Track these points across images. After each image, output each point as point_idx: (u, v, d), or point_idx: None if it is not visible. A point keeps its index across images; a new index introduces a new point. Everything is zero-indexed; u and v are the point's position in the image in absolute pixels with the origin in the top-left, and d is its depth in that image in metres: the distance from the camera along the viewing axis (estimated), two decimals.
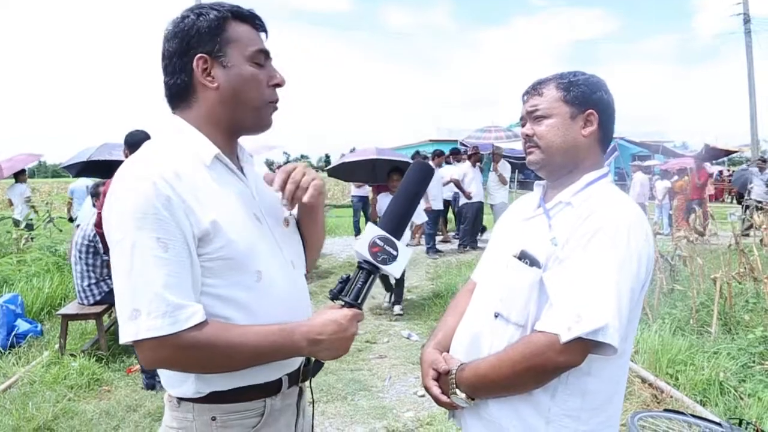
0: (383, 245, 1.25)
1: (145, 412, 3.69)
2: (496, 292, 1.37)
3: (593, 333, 1.17)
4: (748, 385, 3.57)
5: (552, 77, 1.44)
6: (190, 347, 1.11)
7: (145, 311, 1.07)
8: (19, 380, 4.13)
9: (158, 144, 1.24)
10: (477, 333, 1.39)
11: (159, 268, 1.08)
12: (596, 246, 1.24)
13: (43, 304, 5.88)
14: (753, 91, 20.28)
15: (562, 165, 1.41)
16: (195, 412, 1.23)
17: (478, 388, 1.33)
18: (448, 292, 6.70)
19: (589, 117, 1.39)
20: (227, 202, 1.21)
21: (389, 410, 3.76)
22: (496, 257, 1.49)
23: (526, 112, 1.44)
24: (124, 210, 1.10)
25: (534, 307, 1.29)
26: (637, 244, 1.25)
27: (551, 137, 1.39)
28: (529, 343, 1.25)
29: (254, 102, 1.24)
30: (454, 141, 16.70)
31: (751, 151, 20.63)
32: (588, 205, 1.33)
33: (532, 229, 1.41)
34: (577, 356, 1.21)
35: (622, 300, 1.21)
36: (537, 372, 1.24)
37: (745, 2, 20.39)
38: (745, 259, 4.81)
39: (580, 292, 1.21)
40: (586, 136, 1.39)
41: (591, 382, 1.29)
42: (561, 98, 1.39)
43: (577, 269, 1.24)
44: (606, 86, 1.44)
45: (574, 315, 1.19)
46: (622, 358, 1.34)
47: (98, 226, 4.64)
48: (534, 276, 1.29)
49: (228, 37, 1.21)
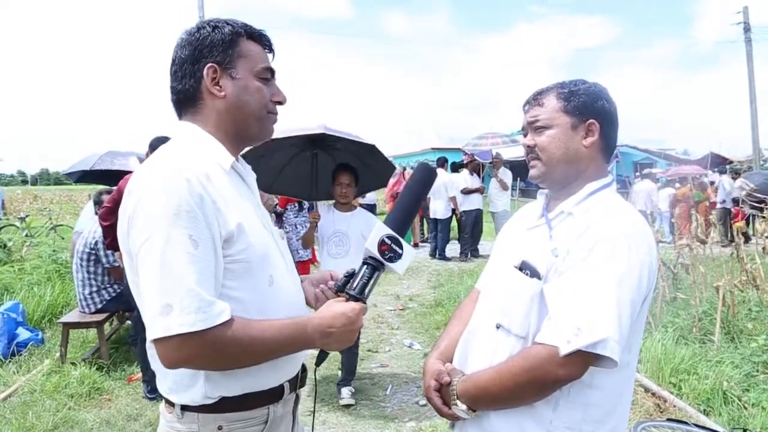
0: (391, 243, 1.31)
1: (146, 422, 3.67)
2: (498, 303, 1.37)
3: (593, 346, 1.17)
4: (752, 394, 3.54)
5: (553, 87, 1.43)
6: (217, 344, 1.12)
7: (178, 306, 1.07)
8: (19, 389, 4.12)
9: (178, 147, 1.26)
10: (479, 344, 1.38)
11: (191, 264, 1.09)
12: (596, 258, 1.23)
13: (44, 312, 5.87)
14: (754, 99, 20.29)
15: (563, 176, 1.40)
16: (200, 422, 1.22)
17: (479, 400, 1.32)
18: (450, 300, 6.68)
19: (591, 127, 1.38)
20: (245, 207, 1.26)
21: (391, 420, 3.74)
22: (499, 266, 1.48)
23: (527, 123, 1.44)
24: (156, 206, 1.11)
25: (535, 319, 1.28)
26: (638, 256, 1.24)
27: (552, 149, 1.38)
28: (528, 355, 1.24)
29: (257, 113, 1.31)
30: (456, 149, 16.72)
31: (753, 159, 20.62)
32: (589, 215, 1.32)
33: (533, 239, 1.40)
34: (577, 369, 1.20)
35: (622, 312, 1.20)
36: (537, 385, 1.23)
37: (746, 11, 20.45)
38: (745, 266, 4.79)
39: (580, 305, 1.20)
40: (588, 147, 1.38)
41: (593, 394, 1.28)
42: (561, 108, 1.38)
43: (577, 281, 1.23)
44: (608, 95, 1.43)
45: (573, 327, 1.18)
46: (626, 370, 1.32)
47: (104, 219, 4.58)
48: (534, 287, 1.28)
49: (239, 51, 1.28)
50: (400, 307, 6.82)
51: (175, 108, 1.33)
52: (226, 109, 1.28)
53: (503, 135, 12.78)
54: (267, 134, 1.35)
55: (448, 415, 1.38)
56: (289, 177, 4.29)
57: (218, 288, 1.16)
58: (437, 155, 11.40)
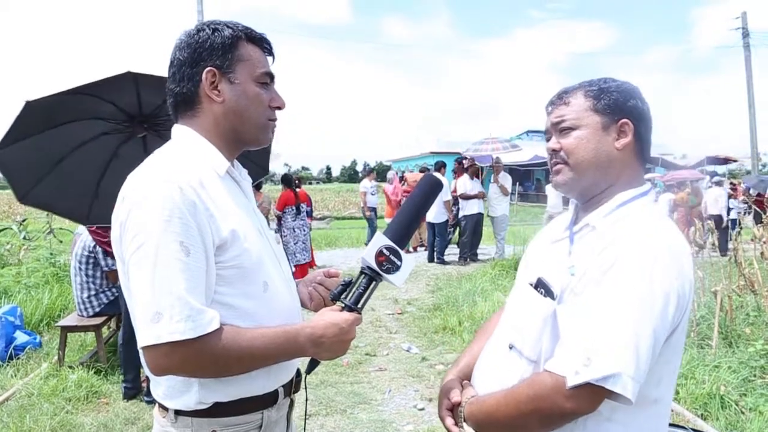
0: (389, 255, 1.28)
1: (144, 425, 3.66)
2: (513, 322, 1.29)
3: (603, 380, 1.04)
4: (749, 399, 3.55)
5: (579, 85, 1.30)
6: (206, 352, 1.12)
7: (168, 314, 1.08)
8: (16, 393, 4.11)
9: (174, 151, 1.26)
10: (492, 364, 1.31)
11: (182, 272, 1.09)
12: (614, 279, 1.09)
13: (42, 316, 5.86)
14: (752, 103, 20.37)
15: (593, 183, 1.26)
16: (194, 427, 1.23)
17: (484, 425, 1.24)
18: (448, 304, 6.70)
19: (623, 127, 1.24)
20: (239, 213, 1.25)
21: (389, 423, 3.73)
22: (520, 282, 1.36)
23: (551, 124, 1.29)
24: (148, 212, 1.11)
25: (548, 342, 1.17)
26: (664, 279, 1.08)
27: (581, 152, 1.23)
28: (534, 383, 1.13)
29: (255, 119, 1.29)
30: (455, 153, 16.75)
31: (751, 163, 20.67)
32: (614, 230, 1.18)
33: (554, 254, 1.29)
34: (586, 403, 1.08)
35: (641, 344, 1.05)
36: (542, 416, 1.12)
37: (744, 17, 20.55)
38: (743, 271, 4.81)
39: (593, 332, 1.07)
40: (620, 149, 1.24)
41: (613, 428, 1.15)
42: (591, 107, 1.24)
43: (592, 305, 1.10)
44: (640, 93, 1.28)
45: (583, 357, 1.06)
46: (656, 407, 1.17)
47: (94, 232, 4.62)
48: (548, 308, 1.18)
49: (239, 55, 1.27)
50: (398, 311, 6.82)
51: (172, 110, 1.32)
52: (223, 114, 1.27)
53: (503, 140, 12.81)
54: (266, 141, 1.34)
55: None
56: (74, 178, 2.76)
57: (210, 295, 1.16)
58: (436, 159, 11.40)
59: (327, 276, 1.50)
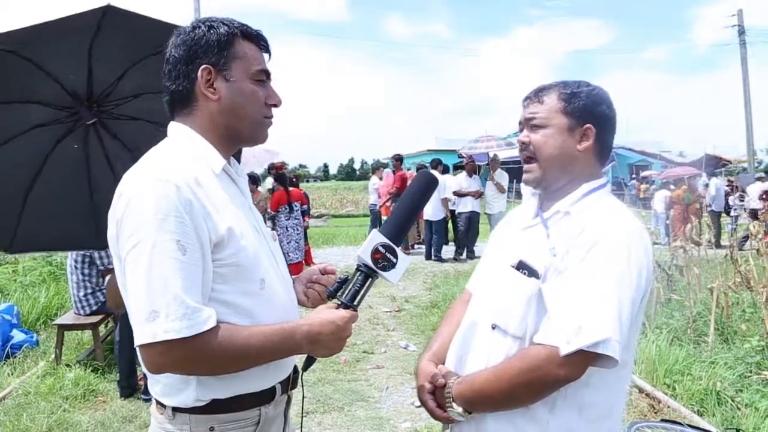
0: (385, 252, 1.28)
1: (141, 423, 3.66)
2: (493, 303, 1.36)
3: (594, 345, 1.15)
4: (745, 394, 3.57)
5: (555, 85, 1.41)
6: (202, 350, 1.12)
7: (164, 313, 1.08)
8: (13, 391, 4.10)
9: (170, 149, 1.26)
10: (474, 345, 1.37)
11: (178, 270, 1.09)
12: (595, 258, 1.22)
13: (39, 314, 5.85)
14: (748, 101, 20.42)
15: (557, 178, 1.39)
16: (192, 424, 1.23)
17: (475, 403, 1.31)
18: (446, 301, 6.69)
19: (587, 131, 1.36)
20: (236, 211, 1.25)
21: (386, 421, 3.74)
22: (493, 267, 1.47)
23: (525, 119, 1.41)
24: (144, 211, 1.10)
25: (532, 319, 1.26)
26: (638, 257, 1.24)
27: (547, 148, 1.36)
28: (526, 356, 1.23)
29: (251, 117, 1.29)
30: (453, 151, 16.79)
31: (747, 161, 20.73)
32: (586, 215, 1.31)
33: (530, 238, 1.39)
34: (577, 369, 1.19)
35: (623, 311, 1.19)
36: (536, 386, 1.22)
37: (740, 14, 20.59)
38: (739, 268, 4.83)
39: (581, 304, 1.19)
40: (581, 151, 1.37)
41: (589, 394, 1.27)
42: (561, 109, 1.36)
43: (577, 281, 1.22)
44: (609, 100, 1.41)
45: (574, 327, 1.17)
46: (623, 370, 1.30)
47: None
48: (533, 287, 1.27)
49: (234, 52, 1.26)
50: (395, 308, 6.83)
51: (168, 108, 1.31)
52: (219, 111, 1.26)
53: (499, 138, 12.84)
54: (262, 138, 1.34)
55: (442, 418, 1.37)
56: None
57: (207, 293, 1.16)
58: (433, 157, 11.42)
59: (323, 272, 1.50)
